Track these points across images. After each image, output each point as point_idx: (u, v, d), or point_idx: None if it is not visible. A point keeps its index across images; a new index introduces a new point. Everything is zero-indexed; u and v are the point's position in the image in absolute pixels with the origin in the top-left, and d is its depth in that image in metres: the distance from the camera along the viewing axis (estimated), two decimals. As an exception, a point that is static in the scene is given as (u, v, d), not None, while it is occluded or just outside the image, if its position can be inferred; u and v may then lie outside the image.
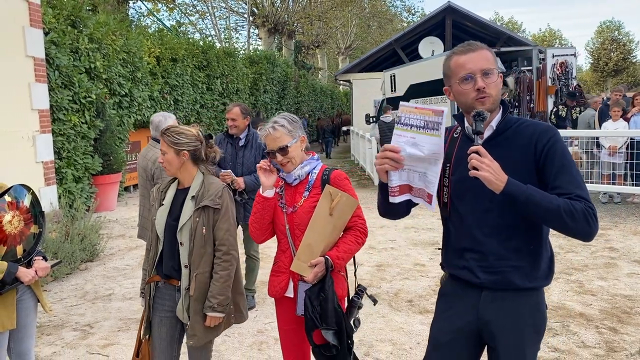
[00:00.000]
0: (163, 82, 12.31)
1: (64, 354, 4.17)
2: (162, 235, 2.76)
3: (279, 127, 2.54)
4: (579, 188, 1.82)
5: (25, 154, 6.40)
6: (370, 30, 39.78)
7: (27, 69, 6.42)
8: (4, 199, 2.82)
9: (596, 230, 1.81)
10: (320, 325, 2.42)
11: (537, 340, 1.99)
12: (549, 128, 1.92)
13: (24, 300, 2.94)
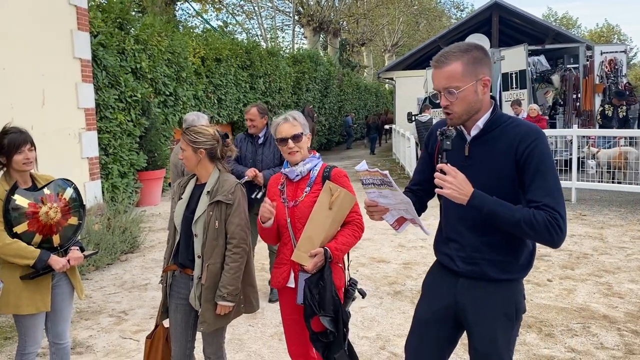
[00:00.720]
0: (207, 81, 12.68)
1: (98, 337, 4.46)
2: (179, 227, 2.95)
3: (296, 118, 2.76)
4: (549, 196, 1.87)
5: (71, 150, 6.80)
6: (418, 28, 39.43)
7: (74, 70, 6.82)
8: (42, 192, 3.09)
9: (559, 239, 1.87)
10: (319, 312, 2.55)
11: (510, 326, 2.08)
12: (533, 131, 1.95)
13: (60, 286, 3.19)
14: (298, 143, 2.71)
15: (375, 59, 42.76)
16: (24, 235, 2.97)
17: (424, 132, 11.48)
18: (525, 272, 2.08)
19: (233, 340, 4.31)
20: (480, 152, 1.98)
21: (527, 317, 4.57)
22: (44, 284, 3.08)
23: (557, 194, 1.88)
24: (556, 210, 1.85)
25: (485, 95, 2.01)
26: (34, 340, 3.11)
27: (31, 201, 3.01)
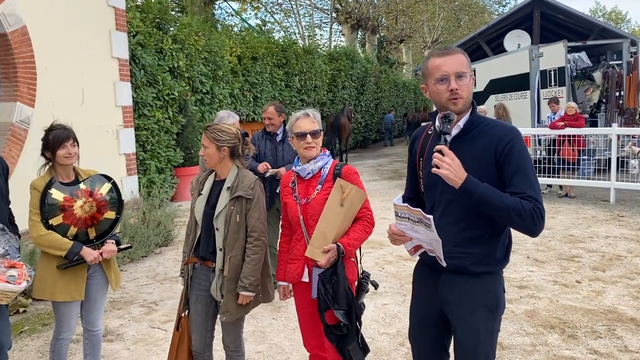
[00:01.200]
0: (243, 79, 12.90)
1: (129, 326, 4.66)
2: (200, 221, 3.07)
3: (315, 115, 2.88)
4: (531, 188, 1.99)
5: (109, 147, 7.08)
6: (459, 24, 38.85)
7: (112, 69, 7.09)
8: (78, 187, 3.27)
9: (541, 228, 2.01)
10: (332, 305, 2.63)
11: (491, 318, 2.15)
12: (510, 131, 2.08)
13: (94, 277, 3.37)
14: (315, 139, 2.80)
15: (414, 55, 42.35)
16: (59, 227, 3.16)
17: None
18: (502, 265, 2.18)
19: (256, 333, 4.43)
20: (460, 151, 2.07)
21: (551, 317, 4.53)
22: (80, 274, 3.25)
23: (537, 188, 2.01)
24: (538, 202, 1.98)
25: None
26: (68, 327, 3.30)
27: (66, 195, 3.20)
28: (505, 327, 4.38)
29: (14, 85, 5.57)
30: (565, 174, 9.92)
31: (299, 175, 2.87)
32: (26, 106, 5.65)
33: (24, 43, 5.61)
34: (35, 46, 5.75)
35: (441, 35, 38.68)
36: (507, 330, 4.31)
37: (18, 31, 5.54)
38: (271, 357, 4.00)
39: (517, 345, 4.05)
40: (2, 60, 5.54)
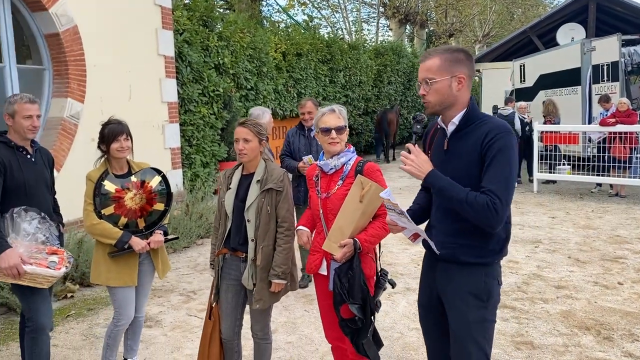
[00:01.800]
0: (287, 76, 13.03)
1: (167, 313, 4.85)
2: (230, 214, 3.18)
3: (341, 111, 2.93)
4: (493, 183, 2.06)
5: (155, 141, 7.34)
6: (512, 17, 37.80)
7: (158, 66, 7.34)
8: (129, 179, 3.45)
9: (495, 222, 2.07)
10: (348, 299, 2.69)
11: (481, 306, 2.22)
12: (497, 127, 2.13)
13: (143, 264, 3.56)
14: (340, 135, 2.85)
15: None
16: (110, 217, 3.36)
17: (504, 126, 11.12)
18: (496, 257, 2.23)
19: (287, 324, 4.53)
20: (456, 147, 2.20)
21: (587, 319, 4.43)
22: (132, 262, 3.44)
23: (503, 183, 2.06)
24: (497, 196, 2.04)
25: (460, 92, 2.21)
26: (127, 314, 3.47)
27: (118, 187, 3.38)
28: (538, 326, 4.32)
29: (65, 82, 5.87)
30: (616, 173, 9.57)
31: (322, 170, 2.93)
32: (76, 102, 5.95)
33: (75, 42, 5.90)
34: (85, 45, 6.04)
35: (492, 29, 37.77)
36: (539, 330, 4.25)
37: (69, 30, 5.83)
38: (300, 347, 4.09)
39: (549, 345, 3.99)
40: (54, 58, 5.85)
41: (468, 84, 2.21)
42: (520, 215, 8.50)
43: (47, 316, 3.20)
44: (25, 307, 3.20)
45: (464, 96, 2.23)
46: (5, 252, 2.91)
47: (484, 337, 2.23)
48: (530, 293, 5.09)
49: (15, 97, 3.22)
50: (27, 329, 3.19)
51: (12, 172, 3.10)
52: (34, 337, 3.19)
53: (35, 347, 3.19)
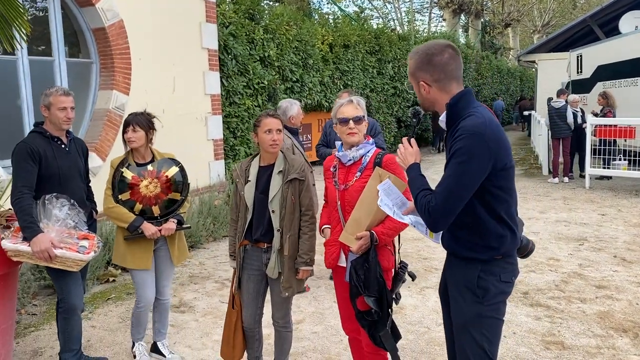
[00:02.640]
0: (334, 67, 13.03)
1: (201, 300, 5.00)
2: (251, 206, 3.24)
3: (359, 102, 2.93)
4: (441, 185, 2.09)
5: (198, 133, 7.52)
6: (575, 5, 36.24)
7: (202, 59, 7.49)
8: (146, 168, 3.60)
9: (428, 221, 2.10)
10: (363, 292, 2.69)
11: (476, 302, 2.19)
12: (465, 127, 2.06)
13: (160, 250, 3.70)
14: (358, 125, 2.84)
15: (522, 40, 40.21)
16: (127, 203, 3.53)
17: (556, 119, 10.74)
18: (493, 253, 2.17)
19: (315, 314, 4.58)
20: (448, 147, 2.19)
21: (625, 321, 4.25)
22: (146, 247, 3.60)
23: (447, 187, 2.06)
24: (435, 198, 2.07)
25: (432, 95, 2.21)
26: (144, 297, 3.65)
27: (135, 174, 3.54)
28: (572, 326, 4.18)
29: (111, 74, 6.10)
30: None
31: (341, 161, 2.93)
32: (121, 94, 6.17)
33: (120, 36, 6.12)
34: (131, 38, 6.25)
35: (553, 18, 36.37)
36: (572, 330, 4.12)
37: (115, 25, 6.05)
38: (326, 338, 4.13)
39: (581, 347, 3.86)
40: (101, 52, 6.08)
41: (438, 86, 2.18)
42: (567, 212, 8.21)
43: (79, 297, 3.37)
44: (58, 289, 3.39)
45: (440, 98, 2.20)
46: (38, 236, 3.08)
47: (482, 332, 2.19)
48: (568, 292, 4.92)
49: (51, 90, 3.38)
50: (59, 309, 3.38)
51: (47, 161, 3.28)
52: (66, 317, 3.38)
53: (67, 326, 3.38)
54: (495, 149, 2.04)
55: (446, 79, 2.17)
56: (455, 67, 2.18)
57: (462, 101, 2.16)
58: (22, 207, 3.12)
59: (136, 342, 3.79)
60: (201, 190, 7.48)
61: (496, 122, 2.12)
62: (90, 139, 6.04)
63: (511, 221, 2.18)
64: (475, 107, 2.14)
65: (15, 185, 3.19)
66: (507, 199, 2.15)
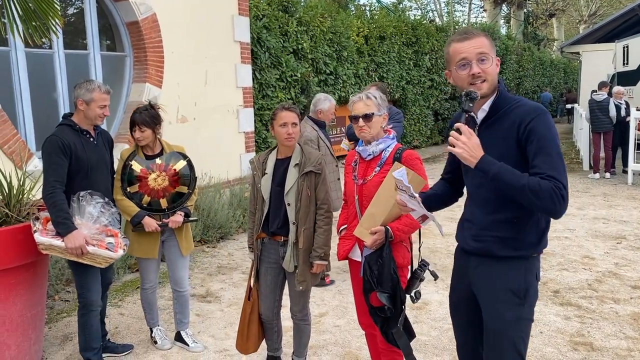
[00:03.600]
0: (369, 59, 12.93)
1: (227, 290, 5.06)
2: (267, 199, 3.25)
3: (372, 97, 2.85)
4: (552, 169, 1.90)
5: (230, 125, 7.59)
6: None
7: (234, 52, 7.54)
8: (154, 161, 3.66)
9: (562, 209, 1.90)
10: (376, 287, 2.67)
11: (518, 304, 2.08)
12: (535, 109, 1.97)
13: (169, 241, 3.79)
14: (368, 122, 2.81)
15: (568, 31, 38.94)
16: (135, 195, 3.62)
17: (597, 112, 10.38)
18: (534, 250, 2.07)
19: (339, 307, 4.57)
20: (487, 135, 2.05)
21: (660, 323, 4.08)
22: (153, 237, 3.69)
23: (560, 168, 1.91)
24: (560, 181, 1.88)
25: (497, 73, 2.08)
26: (148, 279, 3.82)
27: (143, 168, 3.62)
28: (602, 327, 4.05)
29: (144, 67, 6.21)
30: None
31: (361, 156, 2.91)
32: (154, 87, 6.28)
33: (153, 29, 6.22)
34: (163, 32, 6.34)
35: (600, 7, 35.08)
36: (603, 331, 3.98)
37: (148, 18, 6.15)
38: (347, 332, 4.12)
39: (610, 348, 3.73)
40: (134, 45, 6.20)
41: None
42: (607, 209, 7.93)
43: (97, 293, 3.44)
44: (77, 284, 3.44)
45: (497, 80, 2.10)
46: (72, 233, 3.15)
47: (520, 336, 2.09)
48: (601, 292, 4.76)
49: (93, 85, 3.37)
50: (78, 305, 3.44)
51: (76, 154, 3.31)
52: (84, 313, 3.44)
53: (85, 322, 3.44)
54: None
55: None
56: None
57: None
58: (55, 202, 3.17)
59: (153, 328, 3.91)
60: (232, 182, 7.55)
61: None
62: (124, 130, 6.17)
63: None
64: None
65: (47, 179, 3.21)
66: None
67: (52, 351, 3.90)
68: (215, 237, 6.60)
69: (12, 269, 3.29)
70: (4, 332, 3.31)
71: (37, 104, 5.33)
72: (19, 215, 3.62)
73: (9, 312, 3.31)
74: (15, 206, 3.63)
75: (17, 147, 4.91)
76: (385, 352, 2.89)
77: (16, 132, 4.95)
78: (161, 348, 3.85)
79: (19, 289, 3.36)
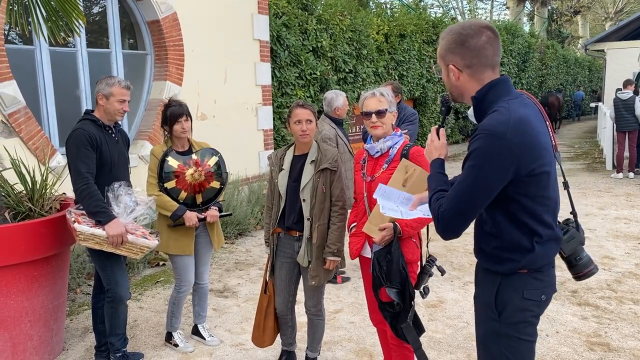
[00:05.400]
0: (389, 58, 12.89)
1: (244, 285, 5.12)
2: (284, 194, 3.29)
3: (385, 94, 2.89)
4: (452, 191, 1.88)
5: (249, 123, 7.66)
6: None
7: (253, 50, 7.60)
8: (191, 156, 3.71)
9: (438, 227, 1.90)
10: (385, 283, 2.69)
11: (493, 318, 1.97)
12: (484, 125, 1.81)
13: (201, 236, 3.82)
14: (381, 118, 2.83)
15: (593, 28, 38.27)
16: (172, 191, 3.63)
17: (622, 111, 10.20)
18: (511, 266, 1.93)
19: (355, 304, 4.60)
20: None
21: (680, 325, 4.02)
22: (189, 233, 3.71)
23: (459, 192, 1.84)
24: (447, 203, 1.87)
25: (461, 83, 1.94)
26: (187, 281, 3.78)
27: (180, 163, 3.65)
28: (620, 328, 4.01)
29: (164, 65, 6.30)
30: None
31: (369, 153, 2.93)
32: (175, 85, 6.37)
33: (174, 28, 6.31)
34: (184, 30, 6.43)
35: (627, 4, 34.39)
36: (620, 332, 3.94)
37: (169, 17, 6.24)
38: (362, 328, 4.14)
39: (627, 349, 3.69)
40: (155, 44, 6.29)
41: (469, 72, 1.91)
42: (629, 209, 7.81)
43: (125, 288, 3.49)
44: (105, 279, 3.44)
45: (470, 87, 1.94)
46: (114, 220, 3.19)
47: (500, 351, 1.98)
48: (620, 292, 4.71)
49: (113, 80, 3.39)
50: (107, 299, 3.45)
51: (101, 148, 3.33)
52: (114, 306, 3.46)
53: (114, 315, 3.48)
54: (519, 153, 1.76)
55: (479, 64, 1.89)
56: (492, 52, 1.89)
57: (491, 94, 1.89)
58: (91, 193, 3.17)
59: (174, 332, 3.88)
60: (251, 179, 7.62)
61: (527, 120, 1.80)
62: (145, 128, 6.28)
63: (543, 232, 1.90)
64: (507, 101, 1.86)
65: (79, 170, 3.19)
66: (536, 209, 1.87)
67: (72, 342, 4.00)
68: (233, 233, 6.67)
69: (35, 261, 3.39)
70: (27, 323, 3.42)
71: (60, 102, 5.45)
72: (42, 209, 3.72)
73: (31, 303, 3.42)
74: (38, 201, 3.74)
75: (41, 144, 5.04)
76: (395, 348, 2.91)
77: (40, 129, 5.07)
78: (184, 350, 3.81)
79: (42, 281, 3.46)
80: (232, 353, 3.79)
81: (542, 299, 1.96)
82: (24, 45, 5.20)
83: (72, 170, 3.26)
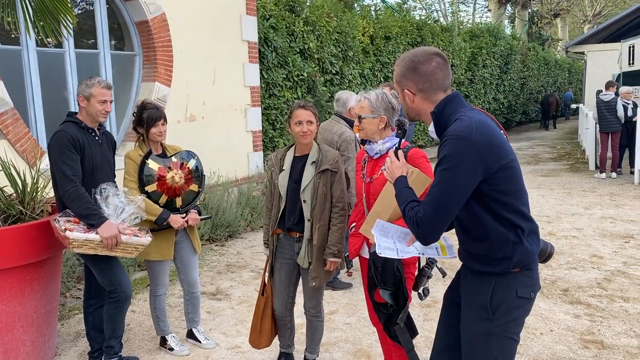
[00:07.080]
0: (375, 59, 12.94)
1: (237, 287, 5.08)
2: (284, 195, 3.27)
3: (366, 99, 2.91)
4: (428, 196, 1.97)
5: (237, 124, 7.62)
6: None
7: (242, 51, 7.57)
8: (171, 159, 3.65)
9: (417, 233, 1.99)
10: (379, 284, 2.69)
11: (487, 319, 2.02)
12: (451, 131, 1.94)
13: (182, 241, 3.76)
14: (360, 123, 2.90)
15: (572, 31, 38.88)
16: (153, 194, 3.55)
17: (605, 112, 10.36)
18: (505, 265, 2.00)
19: (349, 305, 4.59)
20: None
21: (670, 321, 4.09)
22: (169, 237, 3.64)
23: (435, 196, 1.95)
24: (423, 208, 1.96)
25: (416, 105, 2.12)
26: (162, 283, 3.75)
27: (161, 166, 3.57)
28: (612, 325, 4.06)
29: (153, 66, 6.24)
30: None
31: (369, 154, 2.93)
32: (163, 86, 6.31)
33: (162, 29, 6.25)
34: (173, 31, 6.37)
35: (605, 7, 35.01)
36: (613, 330, 3.99)
37: (157, 18, 6.18)
38: (358, 329, 4.14)
39: (621, 346, 3.74)
40: (143, 45, 6.23)
41: (423, 96, 2.08)
42: (614, 208, 7.93)
43: (129, 286, 3.42)
44: (106, 282, 3.35)
45: (425, 107, 2.10)
46: (105, 223, 3.11)
47: (491, 352, 2.03)
48: (611, 290, 4.77)
49: (92, 81, 3.29)
50: (111, 300, 3.36)
51: (84, 151, 3.24)
52: (120, 306, 3.38)
53: (118, 315, 3.41)
54: (485, 152, 1.89)
55: (431, 88, 2.06)
56: (442, 76, 2.07)
57: (448, 107, 2.05)
58: (80, 196, 3.09)
59: (167, 336, 3.83)
60: (240, 180, 7.58)
61: (487, 123, 1.96)
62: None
63: (524, 225, 2.00)
64: (463, 111, 2.00)
65: (64, 173, 3.10)
66: (514, 203, 1.97)
67: (65, 347, 3.93)
68: (223, 235, 6.63)
69: (27, 265, 3.32)
70: (19, 328, 3.35)
71: (48, 103, 5.36)
72: (33, 212, 3.65)
73: (24, 308, 3.35)
74: (29, 204, 3.66)
75: (29, 145, 4.95)
76: (395, 348, 2.91)
77: (28, 131, 4.99)
78: (180, 354, 3.76)
79: (35, 286, 3.40)
80: (229, 356, 3.76)
81: (531, 296, 2.06)
82: (10, 45, 5.11)
83: (57, 174, 3.16)
